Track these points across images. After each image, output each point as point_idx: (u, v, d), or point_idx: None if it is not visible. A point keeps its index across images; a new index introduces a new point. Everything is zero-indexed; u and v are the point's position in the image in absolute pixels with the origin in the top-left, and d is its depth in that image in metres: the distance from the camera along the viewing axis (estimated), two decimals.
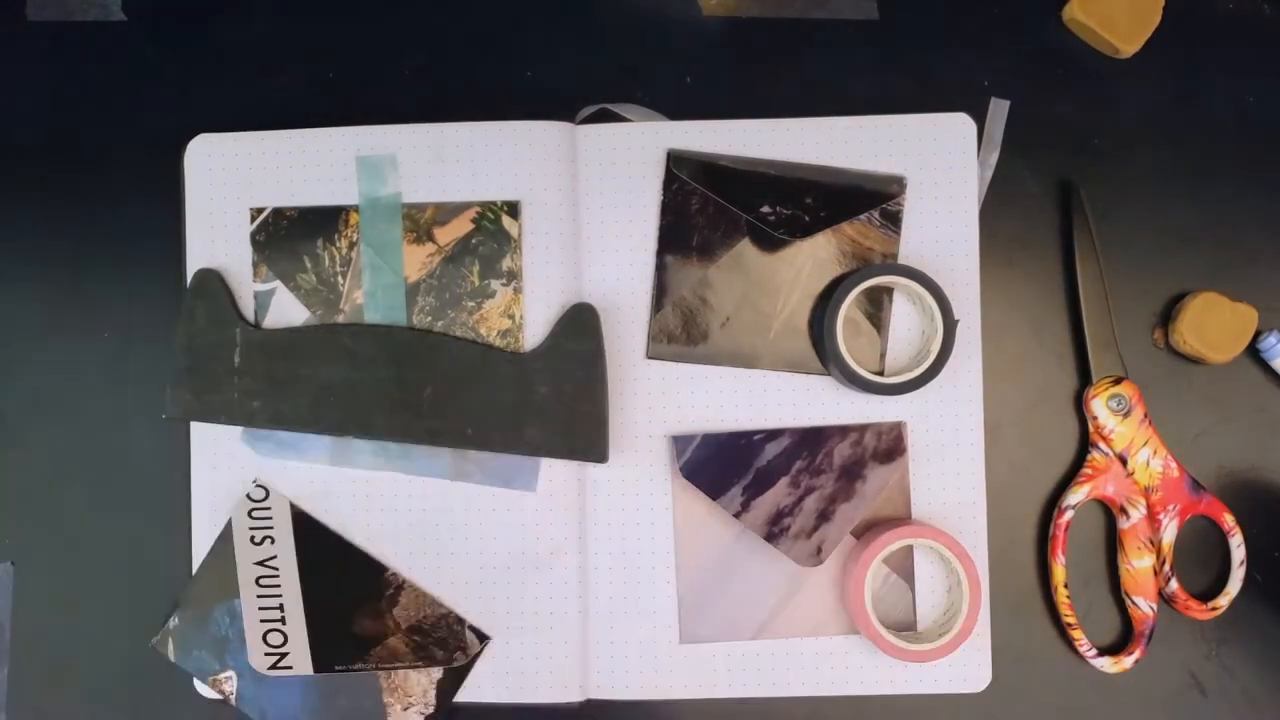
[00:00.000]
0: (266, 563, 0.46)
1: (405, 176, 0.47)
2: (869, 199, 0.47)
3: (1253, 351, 0.48)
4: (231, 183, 0.47)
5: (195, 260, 0.47)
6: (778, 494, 0.46)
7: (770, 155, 0.47)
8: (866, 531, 0.46)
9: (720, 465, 0.46)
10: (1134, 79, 0.50)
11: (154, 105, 0.49)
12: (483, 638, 0.46)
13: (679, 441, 0.46)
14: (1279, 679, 0.48)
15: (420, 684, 0.46)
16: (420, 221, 0.47)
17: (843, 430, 0.46)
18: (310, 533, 0.46)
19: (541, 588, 0.46)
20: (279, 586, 0.46)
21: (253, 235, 0.47)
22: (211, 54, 0.49)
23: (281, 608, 0.46)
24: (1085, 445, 0.48)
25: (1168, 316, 0.48)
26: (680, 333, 0.46)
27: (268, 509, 0.46)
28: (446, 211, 0.47)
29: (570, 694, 0.46)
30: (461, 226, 0.46)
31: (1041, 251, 0.49)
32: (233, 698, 0.46)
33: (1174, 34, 0.49)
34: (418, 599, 0.46)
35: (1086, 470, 0.47)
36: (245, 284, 0.47)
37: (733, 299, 0.46)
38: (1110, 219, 0.49)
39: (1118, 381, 0.47)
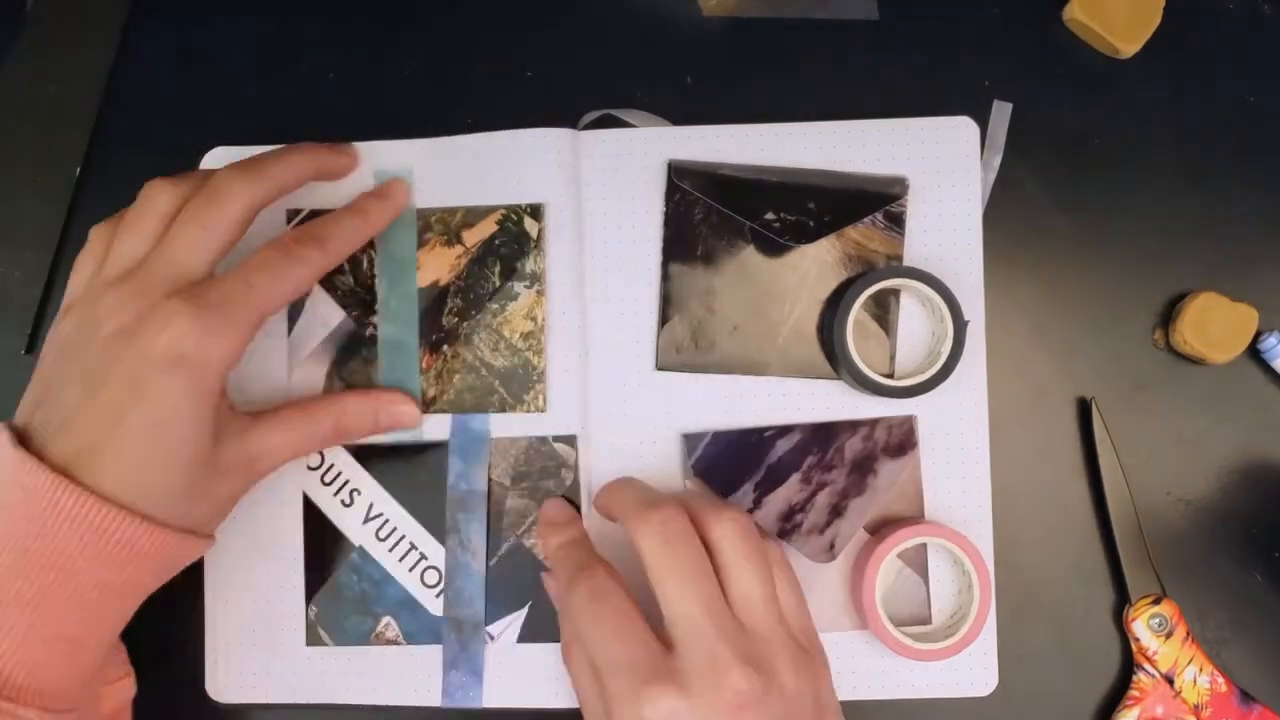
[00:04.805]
0: (372, 516, 0.47)
1: (428, 187, 0.47)
2: (872, 201, 0.47)
3: (1253, 352, 0.48)
4: None
5: None
6: (790, 490, 0.46)
7: (773, 159, 0.47)
8: (880, 529, 0.46)
9: (732, 462, 0.46)
10: (1134, 79, 0.49)
11: (154, 108, 0.49)
12: (569, 439, 0.46)
13: (690, 439, 0.46)
14: (1279, 679, 0.48)
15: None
16: (451, 224, 0.47)
17: (853, 425, 0.46)
18: (386, 464, 0.47)
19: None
20: (396, 529, 0.47)
21: None
22: (212, 55, 0.49)
23: (414, 545, 0.47)
24: (1128, 664, 0.47)
25: (1168, 317, 0.48)
26: (689, 342, 0.46)
27: (333, 467, 0.47)
28: (475, 214, 0.47)
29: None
30: (487, 228, 0.47)
31: (1041, 251, 0.49)
32: (400, 639, 0.46)
33: (1174, 34, 0.49)
34: (502, 449, 0.47)
35: (1134, 693, 0.47)
36: None
37: (739, 307, 0.46)
38: (1110, 219, 0.49)
39: (1157, 601, 0.46)
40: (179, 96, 0.49)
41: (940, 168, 0.47)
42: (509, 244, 0.47)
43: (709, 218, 0.46)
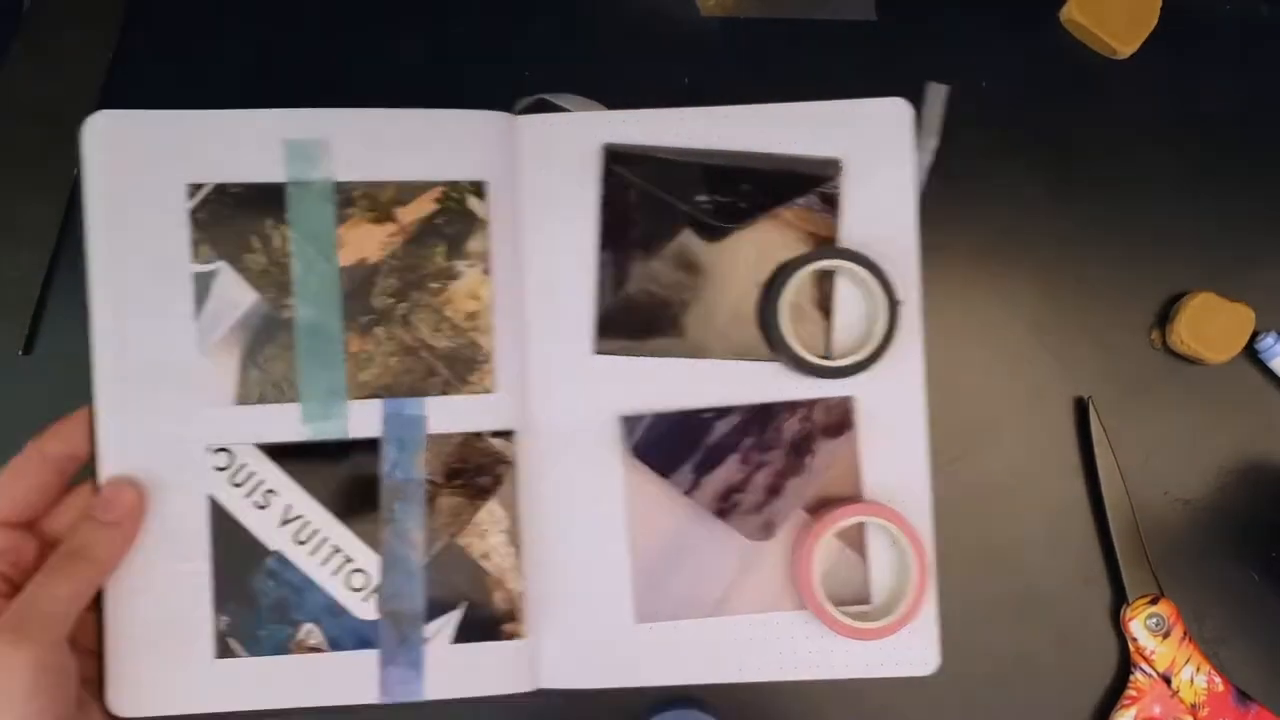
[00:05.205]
0: (290, 519, 0.45)
1: (349, 161, 0.45)
2: (805, 182, 0.47)
3: (1250, 352, 0.48)
4: (139, 162, 0.45)
5: (99, 245, 0.45)
6: (728, 471, 0.46)
7: (707, 142, 0.47)
8: (819, 508, 0.46)
9: (671, 444, 0.46)
10: (1131, 79, 0.50)
11: (152, 107, 0.49)
12: (506, 434, 0.45)
13: (629, 422, 0.46)
14: (1278, 680, 0.48)
15: (484, 514, 0.45)
16: (380, 200, 0.46)
17: (791, 406, 0.46)
18: (303, 462, 0.45)
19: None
20: (319, 531, 0.45)
21: (193, 212, 0.45)
22: (210, 55, 0.49)
23: (338, 548, 0.45)
24: (1126, 664, 0.47)
25: (1165, 317, 0.49)
26: (627, 327, 0.46)
27: (244, 467, 0.45)
28: (409, 190, 0.46)
29: (520, 684, 0.45)
30: (425, 206, 0.46)
31: (1038, 251, 0.49)
32: (324, 645, 0.45)
33: (1171, 34, 0.49)
34: (436, 446, 0.46)
35: (1131, 692, 0.47)
36: (181, 267, 0.45)
37: (678, 291, 0.46)
38: (1107, 219, 0.49)
39: (1154, 601, 0.47)
40: (177, 96, 0.49)
41: (874, 149, 0.47)
42: (453, 223, 0.46)
43: (646, 201, 0.46)
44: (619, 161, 0.47)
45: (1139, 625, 0.46)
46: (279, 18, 0.50)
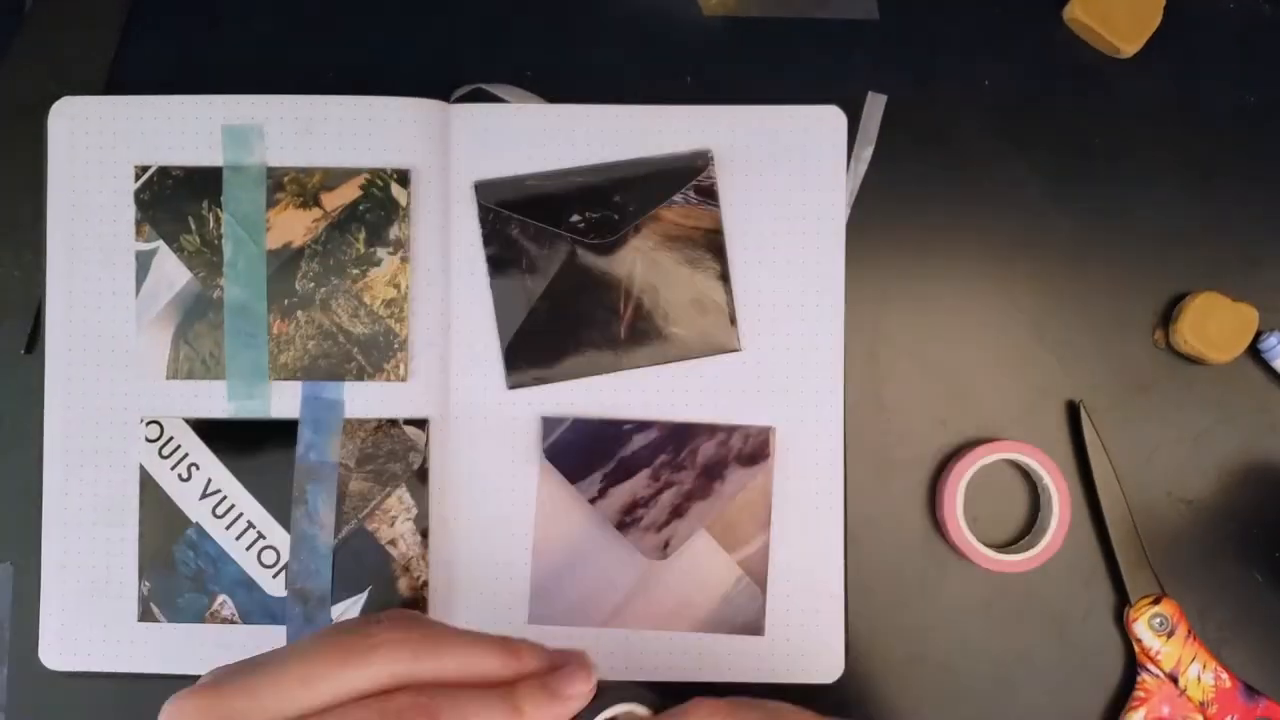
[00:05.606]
0: (210, 493, 0.47)
1: (283, 146, 0.47)
2: (677, 179, 0.47)
3: (1253, 352, 0.48)
4: (96, 146, 0.47)
5: (58, 223, 0.47)
6: (636, 485, 0.46)
7: (641, 143, 0.47)
8: (955, 455, 0.47)
9: (585, 450, 0.46)
10: (1134, 78, 0.49)
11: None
12: (420, 423, 0.46)
13: (549, 423, 0.46)
14: (1279, 680, 0.48)
15: (393, 500, 0.46)
16: (308, 186, 0.47)
17: (711, 429, 0.46)
18: (227, 439, 0.47)
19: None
20: (235, 506, 0.46)
21: (137, 193, 0.47)
22: (211, 54, 0.49)
23: (251, 524, 0.46)
24: (1132, 666, 0.47)
25: (1168, 317, 0.48)
26: (535, 356, 0.46)
27: (172, 439, 0.47)
28: (335, 177, 0.47)
29: None
30: (350, 193, 0.47)
31: (1041, 251, 0.49)
32: (236, 618, 0.46)
33: (1175, 34, 0.49)
34: (351, 430, 0.46)
35: (1139, 694, 0.47)
36: (125, 244, 0.47)
37: (577, 311, 0.46)
38: (1110, 219, 0.49)
39: (1157, 600, 0.46)
40: (177, 95, 0.49)
41: (808, 155, 0.47)
42: (375, 210, 0.46)
43: (526, 229, 0.47)
44: (489, 198, 0.47)
45: (1143, 626, 0.46)
46: (281, 17, 0.50)
